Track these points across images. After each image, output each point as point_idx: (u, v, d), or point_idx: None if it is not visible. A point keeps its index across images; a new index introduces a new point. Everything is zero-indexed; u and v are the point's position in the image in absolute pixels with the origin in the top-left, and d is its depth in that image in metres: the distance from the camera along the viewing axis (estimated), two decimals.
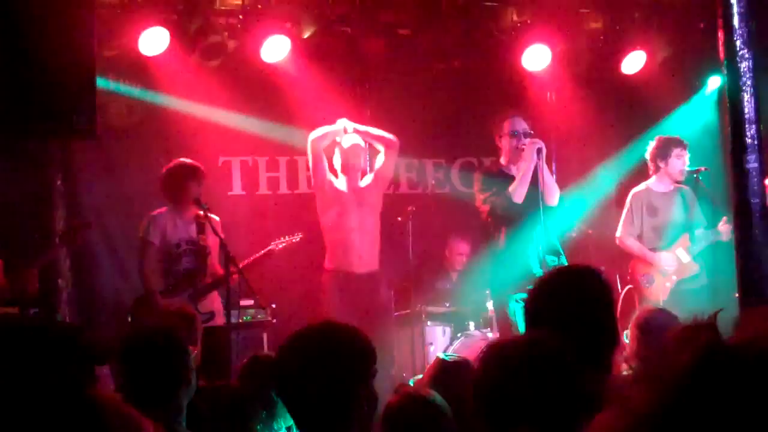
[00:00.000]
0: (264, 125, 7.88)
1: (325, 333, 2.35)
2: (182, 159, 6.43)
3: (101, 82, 6.06)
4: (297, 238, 6.80)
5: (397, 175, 8.28)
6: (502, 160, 6.45)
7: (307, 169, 7.10)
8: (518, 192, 6.14)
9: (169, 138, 7.62)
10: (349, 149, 6.78)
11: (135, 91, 7.45)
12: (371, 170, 6.93)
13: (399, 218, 7.44)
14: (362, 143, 6.82)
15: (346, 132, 6.83)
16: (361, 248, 6.76)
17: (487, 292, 7.20)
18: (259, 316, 7.28)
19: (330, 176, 6.82)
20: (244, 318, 7.14)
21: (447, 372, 3.93)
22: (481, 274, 7.31)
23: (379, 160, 6.93)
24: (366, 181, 6.89)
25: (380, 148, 6.90)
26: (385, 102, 8.05)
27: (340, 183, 6.84)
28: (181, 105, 7.58)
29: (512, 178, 6.25)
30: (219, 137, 7.84)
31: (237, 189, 8.18)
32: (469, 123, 8.10)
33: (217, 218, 6.43)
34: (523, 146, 6.20)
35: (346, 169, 6.82)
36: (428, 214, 7.92)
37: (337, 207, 6.77)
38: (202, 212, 6.22)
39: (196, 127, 7.67)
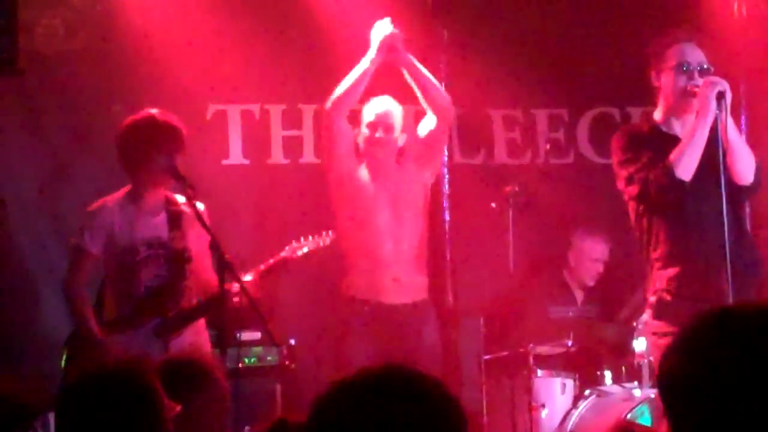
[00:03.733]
0: (279, 56, 6.52)
1: (382, 384, 1.84)
2: (150, 111, 5.39)
3: None
4: (327, 239, 5.65)
5: (490, 136, 7.14)
6: (657, 114, 5.23)
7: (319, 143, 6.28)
8: (685, 162, 5.06)
9: (129, 75, 6.36)
10: (377, 119, 5.76)
11: None
12: (410, 144, 5.90)
13: (493, 204, 6.48)
14: (396, 108, 5.81)
15: (388, 49, 5.59)
16: (398, 267, 5.76)
17: (635, 323, 6.08)
18: (268, 358, 6.34)
19: (351, 161, 5.93)
20: (247, 360, 6.16)
21: None
22: (627, 296, 6.59)
23: (424, 127, 5.85)
24: (403, 163, 5.94)
25: (426, 106, 5.81)
26: (471, 24, 6.74)
27: (363, 170, 5.91)
28: (151, 24, 6.29)
29: (676, 140, 5.13)
30: (209, 75, 6.53)
31: (236, 156, 6.84)
32: (607, 54, 6.84)
33: (201, 206, 5.36)
34: (696, 88, 5.08)
35: (371, 149, 5.80)
36: (540, 198, 6.72)
37: (360, 206, 5.86)
38: (183, 193, 5.16)
39: (174, 60, 6.37)
